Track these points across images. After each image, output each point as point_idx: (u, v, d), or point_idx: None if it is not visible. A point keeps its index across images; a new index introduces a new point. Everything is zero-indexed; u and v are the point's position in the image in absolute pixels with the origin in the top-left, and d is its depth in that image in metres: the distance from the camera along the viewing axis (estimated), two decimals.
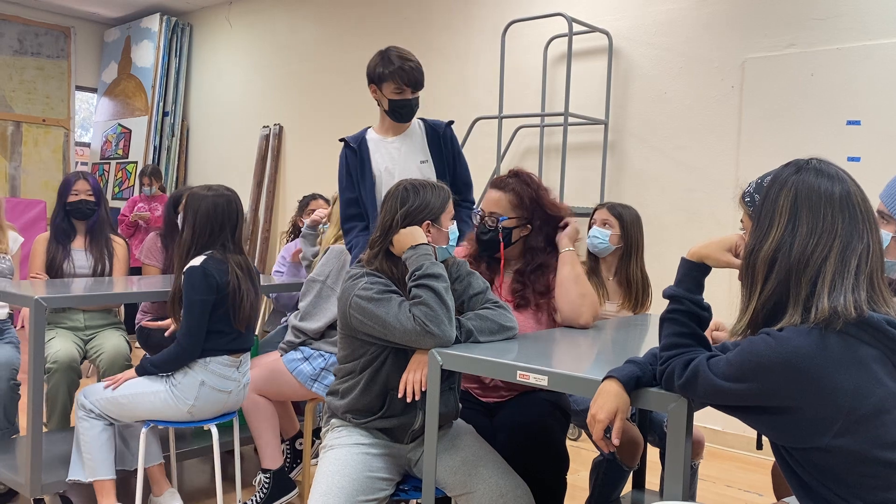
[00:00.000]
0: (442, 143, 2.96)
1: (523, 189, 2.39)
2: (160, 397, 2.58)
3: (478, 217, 2.42)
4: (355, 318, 1.99)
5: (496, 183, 2.44)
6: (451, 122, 3.06)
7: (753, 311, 1.39)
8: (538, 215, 2.40)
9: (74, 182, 3.49)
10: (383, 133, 2.98)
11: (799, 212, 1.37)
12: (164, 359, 2.60)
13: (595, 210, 2.97)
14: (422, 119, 3.03)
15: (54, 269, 3.44)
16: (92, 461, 2.64)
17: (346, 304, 2.01)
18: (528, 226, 2.39)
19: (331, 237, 3.16)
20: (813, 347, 1.28)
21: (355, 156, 2.94)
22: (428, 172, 2.92)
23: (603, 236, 2.86)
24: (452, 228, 2.14)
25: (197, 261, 2.58)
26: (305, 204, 4.13)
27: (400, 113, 2.89)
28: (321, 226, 3.51)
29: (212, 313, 2.59)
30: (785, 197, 1.39)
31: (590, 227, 2.93)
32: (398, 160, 2.92)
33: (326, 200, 3.97)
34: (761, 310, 1.39)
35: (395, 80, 2.80)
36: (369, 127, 3.04)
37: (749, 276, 1.41)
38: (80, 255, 3.53)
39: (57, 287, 2.95)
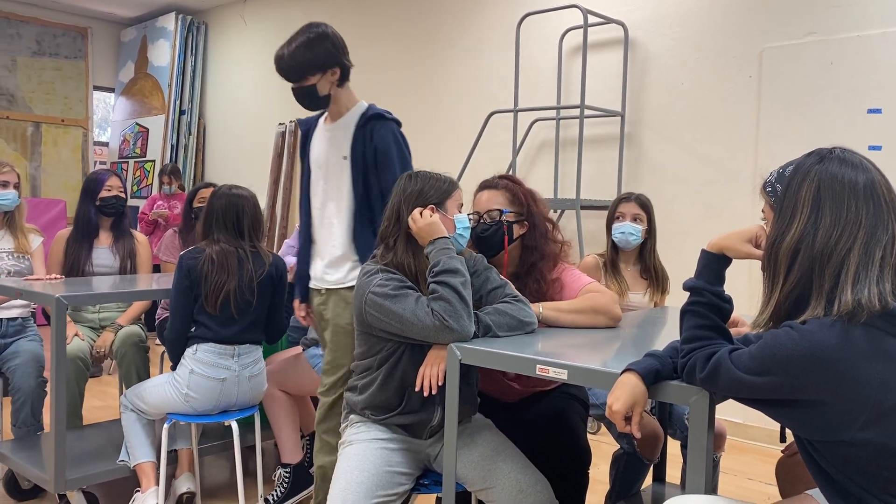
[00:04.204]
0: (364, 137, 2.49)
1: (515, 187, 2.34)
2: (164, 388, 2.76)
3: (472, 220, 2.30)
4: (371, 315, 1.99)
5: (485, 185, 2.36)
6: (390, 117, 2.53)
7: (776, 303, 1.38)
8: (533, 213, 2.33)
9: (107, 178, 3.56)
10: (327, 119, 2.67)
11: (822, 202, 1.35)
12: (167, 351, 2.85)
13: (619, 202, 2.91)
14: (371, 107, 2.59)
15: (77, 269, 3.48)
16: (132, 447, 2.84)
17: (361, 301, 2.01)
18: (526, 223, 2.32)
19: None
20: (837, 340, 1.26)
21: (303, 140, 2.72)
22: (346, 170, 2.53)
23: (637, 232, 2.83)
24: (460, 217, 2.12)
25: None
26: None
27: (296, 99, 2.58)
28: None
29: (196, 302, 2.78)
30: (808, 187, 1.37)
31: (614, 220, 2.89)
32: (324, 151, 2.60)
33: None
34: (784, 302, 1.37)
35: None
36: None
37: (771, 268, 1.39)
38: (104, 254, 3.57)
39: (77, 285, 2.98)
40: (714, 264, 1.55)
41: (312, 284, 2.66)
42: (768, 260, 1.40)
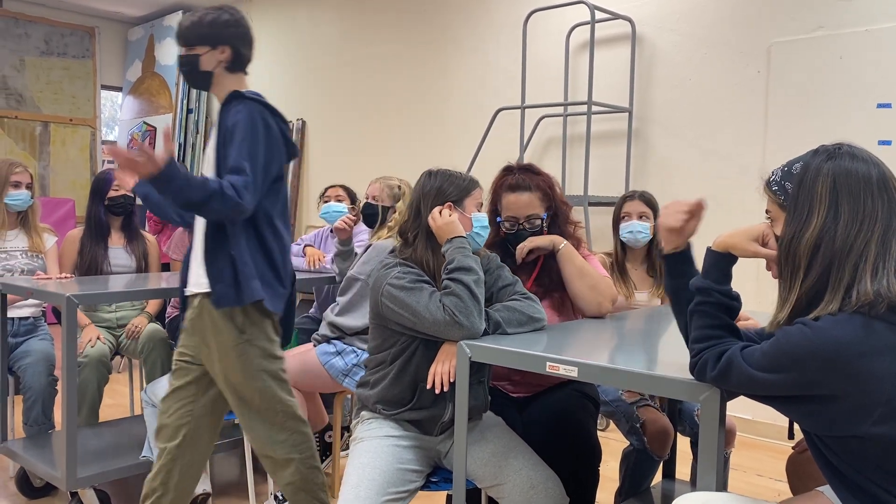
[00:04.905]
0: (222, 119, 2.28)
1: (541, 181, 2.39)
2: None
3: (506, 226, 2.39)
4: (386, 307, 2.00)
5: (516, 185, 2.37)
6: (250, 96, 2.28)
7: (796, 301, 1.38)
8: (556, 202, 2.42)
9: (115, 178, 3.56)
10: None
11: (839, 197, 1.36)
12: None
13: (624, 201, 2.91)
14: (246, 92, 2.35)
15: (96, 268, 3.51)
16: (153, 443, 2.78)
17: (378, 292, 2.03)
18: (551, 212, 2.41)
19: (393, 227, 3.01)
20: (850, 336, 1.27)
21: None
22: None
23: (645, 230, 2.83)
24: (478, 216, 2.13)
25: None
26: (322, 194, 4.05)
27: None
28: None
29: None
30: (822, 183, 1.38)
31: (621, 220, 2.89)
32: (210, 144, 2.37)
33: (346, 189, 3.92)
34: (804, 298, 1.37)
35: None
36: None
37: (790, 266, 1.39)
38: (118, 253, 3.61)
39: (87, 284, 2.99)
40: (720, 263, 1.55)
41: (186, 291, 2.33)
42: (785, 258, 1.40)
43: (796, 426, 1.53)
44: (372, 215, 3.26)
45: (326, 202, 3.81)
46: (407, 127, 6.02)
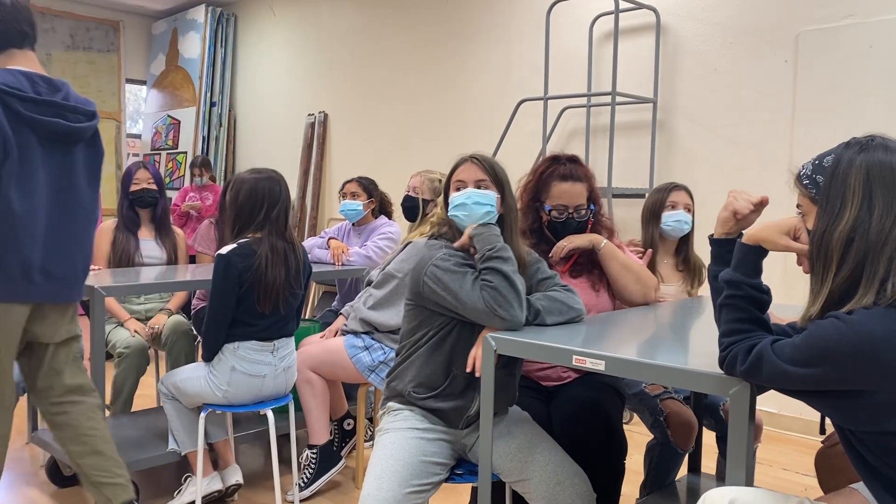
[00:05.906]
0: None
1: (586, 172, 2.47)
2: (201, 382, 2.72)
3: (553, 213, 2.41)
4: (428, 287, 2.00)
5: (568, 175, 2.42)
6: None
7: (829, 294, 1.36)
8: (595, 193, 2.51)
9: (135, 171, 3.65)
10: None
11: (873, 190, 1.34)
12: (203, 346, 2.75)
13: (671, 192, 2.87)
14: None
15: (127, 260, 3.56)
16: (181, 436, 2.85)
17: (421, 272, 2.03)
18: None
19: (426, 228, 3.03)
20: (885, 331, 1.25)
21: None
22: None
23: (689, 221, 2.83)
24: (455, 196, 2.07)
25: (226, 249, 2.66)
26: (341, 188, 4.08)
27: None
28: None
29: (239, 301, 2.66)
30: (855, 175, 1.35)
31: (664, 209, 2.84)
32: None
33: (361, 183, 3.92)
34: (837, 292, 1.35)
35: None
36: None
37: (822, 259, 1.37)
38: (149, 245, 3.68)
39: (116, 276, 3.02)
40: (750, 256, 1.53)
41: None
42: (817, 252, 1.38)
43: (828, 421, 1.51)
44: (412, 208, 3.23)
45: (344, 198, 3.85)
46: (429, 118, 6.01)
